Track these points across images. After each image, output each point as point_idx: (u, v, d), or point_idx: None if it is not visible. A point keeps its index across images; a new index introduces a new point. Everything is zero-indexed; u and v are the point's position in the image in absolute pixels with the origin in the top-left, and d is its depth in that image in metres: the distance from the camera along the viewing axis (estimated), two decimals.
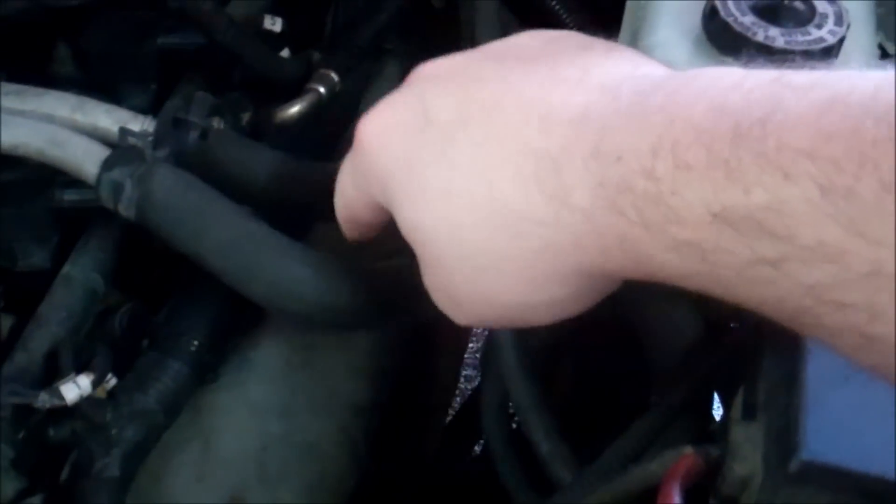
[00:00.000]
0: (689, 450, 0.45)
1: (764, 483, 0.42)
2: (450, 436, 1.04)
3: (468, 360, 1.41)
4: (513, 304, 0.40)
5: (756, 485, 0.43)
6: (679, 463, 0.44)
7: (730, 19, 0.49)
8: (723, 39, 0.49)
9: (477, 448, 1.18)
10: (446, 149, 0.39)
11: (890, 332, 0.28)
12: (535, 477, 0.61)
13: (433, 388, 0.94)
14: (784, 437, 0.39)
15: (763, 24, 0.49)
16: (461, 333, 1.02)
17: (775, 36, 0.48)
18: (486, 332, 1.26)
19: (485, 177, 0.38)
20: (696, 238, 0.31)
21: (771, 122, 0.29)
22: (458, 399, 1.27)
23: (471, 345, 1.43)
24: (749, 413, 0.44)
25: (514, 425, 0.66)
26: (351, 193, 0.46)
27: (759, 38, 0.48)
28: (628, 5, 0.59)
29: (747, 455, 0.43)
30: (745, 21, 0.49)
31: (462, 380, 1.41)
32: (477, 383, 1.47)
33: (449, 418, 1.10)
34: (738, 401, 0.46)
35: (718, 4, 0.49)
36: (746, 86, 0.31)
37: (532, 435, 0.56)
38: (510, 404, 0.65)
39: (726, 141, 0.30)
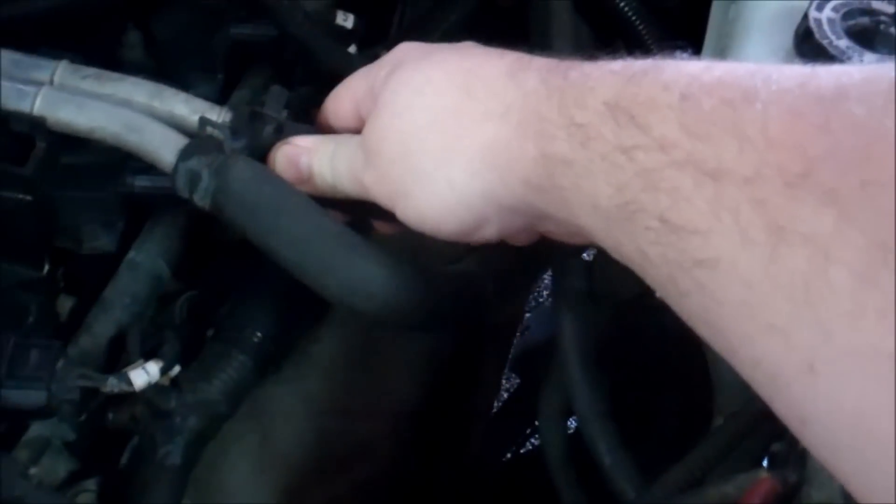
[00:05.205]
0: (765, 473, 0.45)
1: None
2: (487, 438, 1.04)
3: None
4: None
5: None
6: (756, 487, 0.44)
7: (825, 42, 0.48)
8: (816, 61, 0.49)
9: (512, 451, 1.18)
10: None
11: (683, 221, 0.35)
12: (588, 483, 0.61)
13: (478, 391, 0.94)
14: None
15: (858, 48, 0.48)
16: (505, 338, 1.02)
17: (871, 62, 0.48)
18: (524, 335, 1.26)
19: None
20: (586, 121, 0.40)
21: (669, 66, 0.40)
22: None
23: None
24: None
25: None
26: (360, 86, 0.57)
27: (855, 63, 0.48)
28: (713, 18, 0.59)
29: (825, 482, 0.43)
30: (840, 45, 0.48)
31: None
32: (510, 386, 1.47)
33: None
34: None
35: (813, 25, 0.49)
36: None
37: (595, 447, 0.56)
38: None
39: (638, 67, 0.41)
